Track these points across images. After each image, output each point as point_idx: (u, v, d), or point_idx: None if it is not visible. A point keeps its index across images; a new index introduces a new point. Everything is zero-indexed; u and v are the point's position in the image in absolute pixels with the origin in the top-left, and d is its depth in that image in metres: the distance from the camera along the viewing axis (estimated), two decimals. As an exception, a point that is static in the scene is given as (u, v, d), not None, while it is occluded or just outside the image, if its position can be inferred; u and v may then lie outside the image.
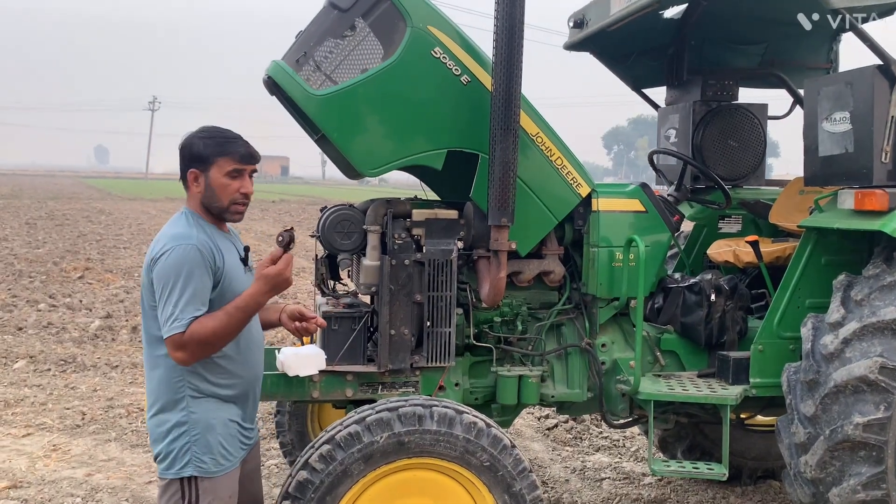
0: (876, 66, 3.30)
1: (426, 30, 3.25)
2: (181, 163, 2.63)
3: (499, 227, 3.29)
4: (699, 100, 4.56)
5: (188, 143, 2.61)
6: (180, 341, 2.41)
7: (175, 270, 2.42)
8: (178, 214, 2.64)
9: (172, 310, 2.41)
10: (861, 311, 3.18)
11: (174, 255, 2.44)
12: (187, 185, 2.63)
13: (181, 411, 2.52)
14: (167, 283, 2.43)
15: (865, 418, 3.05)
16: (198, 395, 2.54)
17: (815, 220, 3.50)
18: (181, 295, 2.42)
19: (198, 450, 2.51)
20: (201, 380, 2.54)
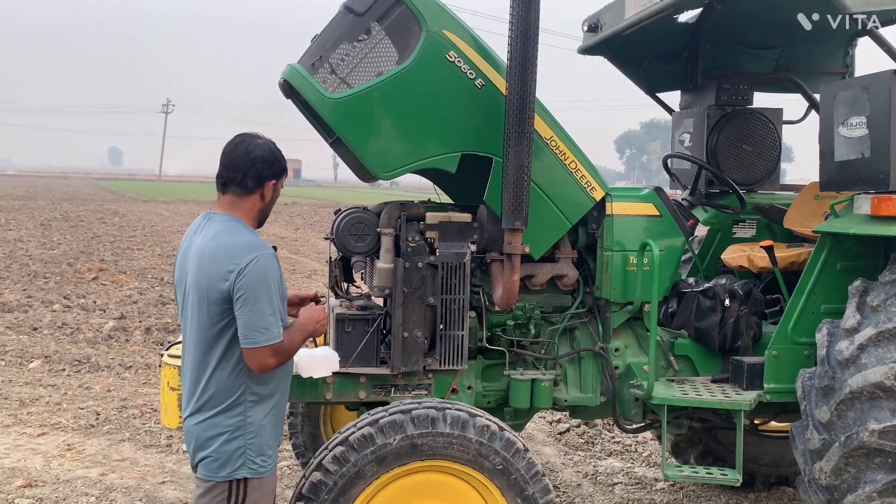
0: (893, 71, 3.28)
1: (441, 34, 3.26)
2: (264, 171, 2.58)
3: (512, 231, 3.29)
4: (714, 104, 4.55)
5: (274, 153, 2.61)
6: (279, 349, 2.50)
7: (264, 279, 2.47)
8: (230, 221, 2.58)
9: (270, 319, 2.47)
10: (877, 317, 3.16)
11: (261, 264, 2.47)
12: (254, 192, 2.59)
13: (239, 416, 2.54)
14: (258, 292, 2.45)
15: (881, 425, 3.03)
16: (256, 400, 2.57)
17: (830, 226, 3.49)
18: (272, 304, 2.48)
19: (252, 452, 2.55)
20: (261, 385, 2.58)
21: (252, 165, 2.56)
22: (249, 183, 2.57)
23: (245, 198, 2.59)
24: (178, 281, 2.67)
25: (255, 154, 2.57)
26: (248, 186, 2.58)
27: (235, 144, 2.60)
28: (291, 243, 19.89)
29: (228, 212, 2.60)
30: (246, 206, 2.61)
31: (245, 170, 2.56)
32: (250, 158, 2.56)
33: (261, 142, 2.61)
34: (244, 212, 2.61)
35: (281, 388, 2.69)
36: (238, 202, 2.60)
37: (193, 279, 2.52)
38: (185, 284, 2.57)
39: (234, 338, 2.50)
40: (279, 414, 2.70)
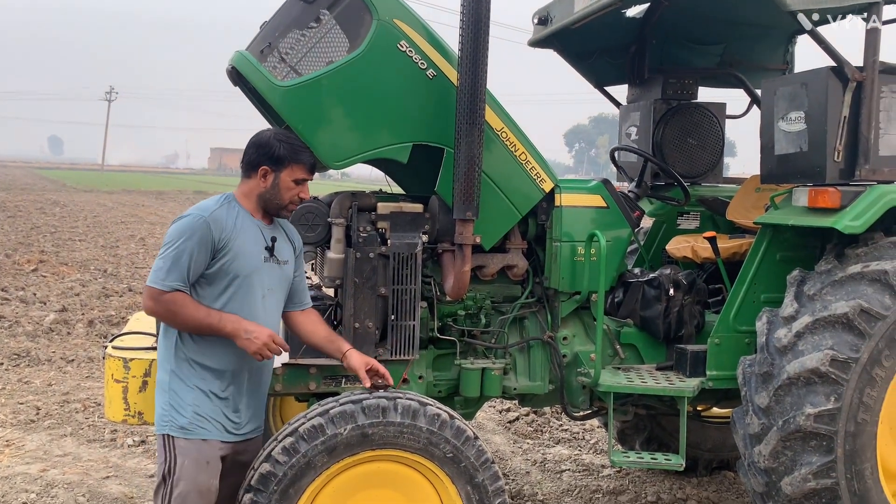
0: (830, 68, 3.40)
1: (392, 23, 3.25)
2: (254, 156, 2.82)
3: (463, 221, 3.31)
4: (660, 98, 4.64)
5: (267, 143, 2.82)
6: (158, 296, 2.68)
7: (181, 231, 2.68)
8: (224, 195, 2.86)
9: (162, 265, 2.67)
10: (814, 306, 3.27)
11: (187, 221, 2.70)
12: (251, 176, 2.83)
13: (168, 372, 2.76)
14: (169, 239, 2.68)
15: (817, 409, 3.14)
16: (181, 358, 2.75)
17: (770, 217, 3.60)
18: (175, 255, 2.66)
19: (176, 410, 2.73)
20: (187, 345, 2.76)
21: (254, 152, 2.82)
22: (244, 165, 2.85)
23: (244, 180, 2.86)
24: None
25: (253, 140, 2.85)
26: (243, 169, 2.86)
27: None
28: (240, 234, 19.56)
29: (235, 190, 2.87)
30: (244, 187, 2.86)
31: (244, 154, 2.85)
32: (249, 144, 2.85)
33: (265, 133, 2.88)
34: (241, 192, 2.85)
35: (225, 365, 2.80)
36: (241, 183, 2.87)
37: None
38: None
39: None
40: (221, 390, 2.80)
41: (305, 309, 3.08)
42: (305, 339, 3.06)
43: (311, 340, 3.05)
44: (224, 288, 2.76)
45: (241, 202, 2.84)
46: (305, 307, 3.08)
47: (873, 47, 3.34)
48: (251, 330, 2.72)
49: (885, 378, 3.20)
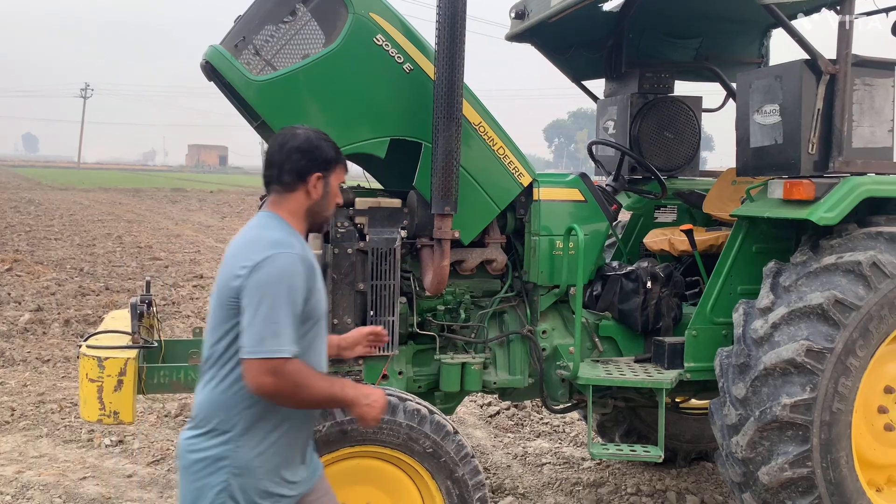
0: (804, 61, 3.42)
1: (368, 17, 3.23)
2: (301, 163, 2.26)
3: (442, 216, 3.30)
4: (636, 92, 4.66)
5: (314, 143, 2.29)
6: (281, 369, 2.07)
7: (279, 279, 2.09)
8: (267, 217, 2.27)
9: (276, 328, 2.07)
10: (789, 297, 3.31)
11: (280, 262, 2.10)
12: (296, 189, 2.27)
13: (225, 444, 2.16)
14: (269, 293, 2.07)
15: (793, 399, 3.18)
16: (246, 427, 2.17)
17: (746, 210, 3.62)
18: (285, 311, 2.09)
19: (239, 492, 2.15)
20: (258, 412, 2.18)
21: (288, 159, 2.26)
22: (286, 178, 2.26)
23: (287, 196, 2.28)
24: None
25: (293, 146, 2.27)
26: (285, 182, 2.27)
27: (274, 138, 2.33)
28: (218, 232, 19.45)
29: (273, 211, 2.29)
30: (289, 205, 2.28)
31: (280, 164, 2.26)
32: (285, 151, 2.26)
33: (300, 132, 2.31)
34: (287, 211, 2.28)
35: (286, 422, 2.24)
36: (280, 201, 2.28)
37: (221, 283, 2.19)
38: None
39: (234, 347, 2.14)
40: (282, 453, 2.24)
41: None
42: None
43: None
44: (303, 335, 2.20)
45: (294, 224, 2.29)
46: None
47: (846, 40, 3.38)
48: (369, 394, 2.26)
49: (859, 367, 3.24)
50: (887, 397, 3.48)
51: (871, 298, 3.20)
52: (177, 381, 3.28)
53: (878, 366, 3.39)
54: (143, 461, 4.92)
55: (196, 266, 13.06)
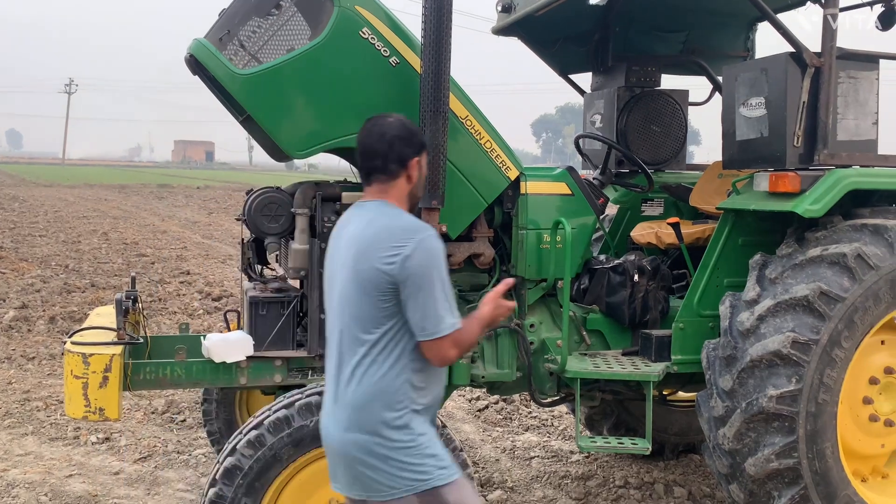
0: (789, 54, 3.43)
1: (354, 10, 3.21)
2: (402, 149, 2.34)
3: (429, 210, 3.29)
4: (623, 86, 4.66)
5: (410, 129, 2.39)
6: (460, 339, 2.25)
7: (435, 260, 2.23)
8: (385, 206, 2.35)
9: (446, 304, 2.22)
10: (775, 289, 3.32)
11: (430, 245, 2.23)
12: (399, 175, 2.35)
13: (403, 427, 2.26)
14: (430, 276, 2.20)
15: (779, 391, 3.19)
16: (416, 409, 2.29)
17: (732, 203, 3.64)
18: (445, 288, 2.23)
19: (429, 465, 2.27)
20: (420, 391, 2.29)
21: (391, 148, 2.33)
22: (392, 166, 2.34)
23: (391, 183, 2.36)
24: (327, 277, 2.42)
25: (393, 134, 2.34)
26: (391, 170, 2.35)
27: (368, 129, 2.39)
28: (205, 228, 19.36)
29: (381, 198, 2.37)
30: (395, 191, 2.37)
31: (384, 154, 2.34)
32: (387, 140, 2.34)
33: (392, 120, 2.39)
34: (395, 198, 2.37)
35: (437, 399, 2.40)
36: (386, 188, 2.36)
37: (351, 270, 2.26)
38: (335, 279, 2.34)
39: (398, 332, 2.24)
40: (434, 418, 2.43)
41: None
42: None
43: None
44: None
45: (402, 209, 2.40)
46: None
47: (831, 33, 3.39)
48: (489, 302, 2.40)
49: (844, 359, 3.26)
50: (872, 388, 3.51)
51: (856, 290, 3.22)
52: (163, 378, 3.25)
53: (862, 357, 3.41)
54: (129, 458, 4.90)
55: (183, 262, 12.99)
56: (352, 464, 2.25)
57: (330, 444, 2.30)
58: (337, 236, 2.42)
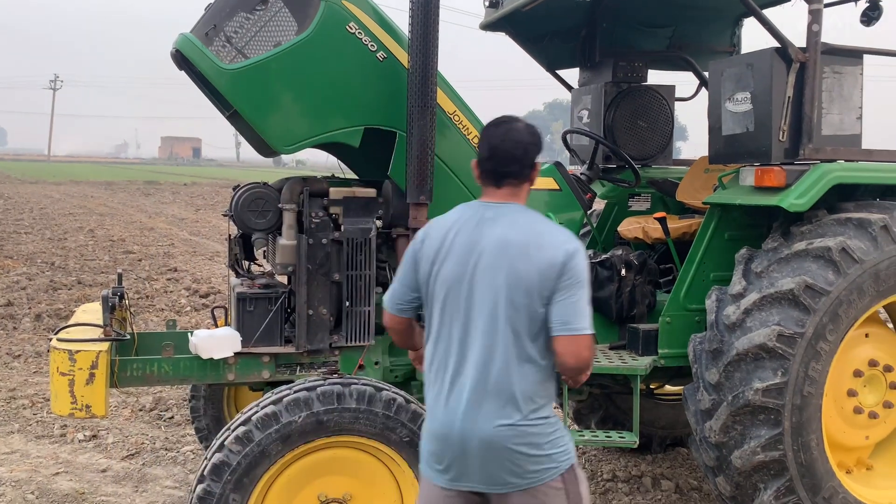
0: (774, 49, 3.45)
1: (341, 4, 3.21)
2: (536, 152, 2.41)
3: (417, 205, 3.29)
4: (610, 81, 4.67)
5: (536, 133, 2.42)
6: (593, 341, 2.33)
7: (586, 264, 2.32)
8: (527, 210, 2.40)
9: (585, 309, 2.28)
10: (761, 283, 3.34)
11: (582, 251, 2.33)
12: (529, 178, 2.40)
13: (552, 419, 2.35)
14: (583, 281, 2.28)
15: (765, 384, 3.22)
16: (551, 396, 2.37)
17: (718, 197, 3.66)
18: (588, 294, 2.31)
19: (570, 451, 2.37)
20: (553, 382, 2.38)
21: (526, 153, 2.38)
22: (526, 171, 2.39)
23: (522, 186, 2.41)
24: (454, 278, 2.31)
25: (527, 141, 2.39)
26: (525, 175, 2.40)
27: (503, 136, 2.39)
28: (192, 224, 19.27)
29: (512, 201, 2.39)
30: (523, 194, 2.42)
31: (521, 158, 2.37)
32: (523, 147, 2.38)
33: (522, 126, 2.42)
34: (523, 200, 2.42)
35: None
36: (517, 192, 2.40)
37: (508, 270, 2.26)
38: (473, 277, 2.30)
39: (542, 328, 2.28)
40: None
41: None
42: None
43: None
44: None
45: None
46: None
47: (815, 29, 3.41)
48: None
49: (829, 352, 3.29)
50: (856, 380, 3.54)
51: (841, 283, 3.25)
52: (150, 374, 3.24)
53: (847, 350, 3.44)
54: (117, 456, 4.88)
55: (170, 259, 12.92)
56: (500, 455, 2.25)
57: (470, 437, 2.25)
58: (470, 239, 2.34)
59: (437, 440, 2.31)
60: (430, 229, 2.42)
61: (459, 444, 2.26)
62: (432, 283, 2.35)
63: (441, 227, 2.39)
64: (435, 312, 2.35)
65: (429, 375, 2.37)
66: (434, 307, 2.36)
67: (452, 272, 2.32)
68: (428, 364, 2.38)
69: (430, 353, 2.37)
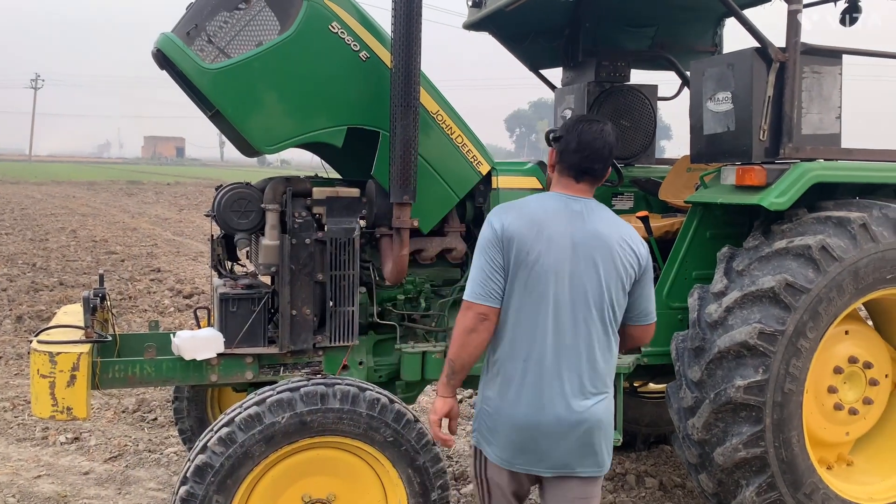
0: (755, 49, 3.48)
1: (323, 4, 3.20)
2: (612, 158, 2.59)
3: (401, 205, 3.29)
4: (593, 81, 4.69)
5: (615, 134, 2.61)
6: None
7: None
8: (602, 206, 2.58)
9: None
10: (742, 281, 3.37)
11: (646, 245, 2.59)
12: (603, 179, 2.60)
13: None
14: (651, 274, 2.59)
15: (746, 381, 3.25)
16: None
17: (700, 196, 3.68)
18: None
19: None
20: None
21: (611, 155, 2.56)
22: (604, 172, 2.58)
23: (597, 183, 2.58)
24: (555, 267, 2.42)
25: (613, 144, 2.56)
26: (603, 175, 2.58)
27: (596, 134, 2.53)
28: (175, 225, 19.14)
29: (590, 196, 2.57)
30: (594, 191, 2.60)
31: (606, 159, 2.54)
32: (610, 149, 2.54)
33: (608, 128, 2.58)
34: (594, 196, 2.60)
35: None
36: (592, 189, 2.58)
37: (606, 261, 2.44)
38: (574, 272, 2.43)
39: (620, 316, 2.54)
40: None
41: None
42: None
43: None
44: None
45: None
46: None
47: (795, 29, 3.44)
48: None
49: (809, 349, 3.32)
50: (836, 377, 3.58)
51: (821, 281, 3.28)
52: (132, 376, 3.22)
53: (827, 347, 3.48)
54: (99, 458, 4.84)
55: (153, 259, 12.83)
56: (590, 436, 2.44)
57: (562, 420, 2.41)
58: (566, 231, 2.45)
59: (519, 426, 2.44)
60: (508, 217, 2.47)
61: (544, 427, 2.41)
62: (525, 271, 2.43)
63: (524, 216, 2.47)
64: (520, 299, 2.44)
65: (499, 362, 2.48)
66: (521, 294, 2.44)
67: (555, 261, 2.42)
68: (500, 351, 2.48)
69: (505, 340, 2.47)
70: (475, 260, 2.51)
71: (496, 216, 2.50)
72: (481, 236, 2.51)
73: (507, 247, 2.44)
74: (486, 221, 2.51)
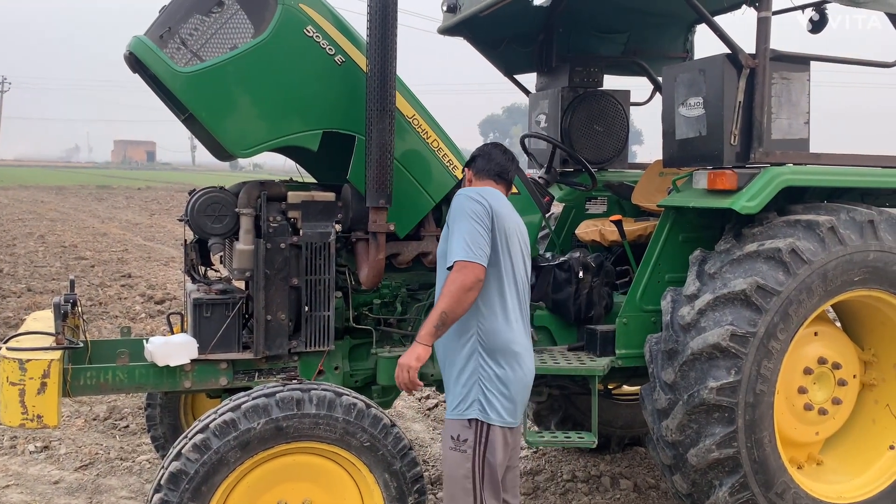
0: (725, 55, 3.53)
1: (298, 8, 3.19)
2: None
3: (377, 209, 3.29)
4: (567, 86, 4.73)
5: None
6: None
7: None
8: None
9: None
10: (714, 284, 3.41)
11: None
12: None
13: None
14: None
15: (718, 382, 3.29)
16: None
17: (672, 200, 3.72)
18: None
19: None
20: None
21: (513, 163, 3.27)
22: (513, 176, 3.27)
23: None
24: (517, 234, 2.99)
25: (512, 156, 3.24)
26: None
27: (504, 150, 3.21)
28: (146, 230, 18.92)
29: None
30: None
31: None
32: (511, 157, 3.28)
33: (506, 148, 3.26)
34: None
35: None
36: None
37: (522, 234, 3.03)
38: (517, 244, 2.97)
39: None
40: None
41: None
42: None
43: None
44: None
45: None
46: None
47: (764, 35, 3.50)
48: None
49: (780, 350, 3.37)
50: (806, 378, 3.64)
51: (791, 284, 3.34)
52: (104, 383, 3.17)
53: (797, 348, 3.54)
54: (70, 467, 4.76)
55: (123, 265, 12.67)
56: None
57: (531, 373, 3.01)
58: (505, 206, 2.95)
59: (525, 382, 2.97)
60: (486, 195, 2.89)
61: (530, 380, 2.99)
62: (504, 236, 2.88)
63: (491, 195, 2.92)
64: (510, 259, 2.91)
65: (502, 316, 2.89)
66: (510, 255, 2.91)
67: (507, 235, 2.90)
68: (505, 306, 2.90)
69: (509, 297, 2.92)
70: (463, 224, 2.80)
71: (481, 196, 2.86)
72: (467, 207, 2.82)
73: (494, 217, 2.84)
74: (467, 198, 2.85)
